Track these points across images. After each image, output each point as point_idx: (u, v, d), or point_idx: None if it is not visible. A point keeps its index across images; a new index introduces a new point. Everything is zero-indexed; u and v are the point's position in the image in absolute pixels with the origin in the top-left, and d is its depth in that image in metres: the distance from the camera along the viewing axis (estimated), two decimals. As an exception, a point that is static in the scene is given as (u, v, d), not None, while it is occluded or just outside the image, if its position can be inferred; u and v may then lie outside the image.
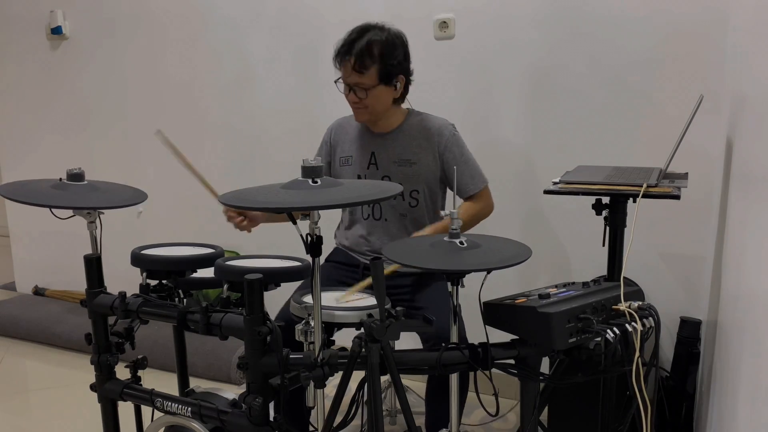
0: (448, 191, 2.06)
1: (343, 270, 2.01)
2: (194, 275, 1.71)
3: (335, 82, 1.90)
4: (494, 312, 1.35)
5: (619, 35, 2.14)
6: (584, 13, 2.18)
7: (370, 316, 1.27)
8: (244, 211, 1.93)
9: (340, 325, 1.49)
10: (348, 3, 2.57)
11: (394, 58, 1.85)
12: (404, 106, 1.99)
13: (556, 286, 1.42)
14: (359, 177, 1.98)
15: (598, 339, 1.29)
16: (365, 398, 1.33)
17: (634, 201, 1.51)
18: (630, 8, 2.11)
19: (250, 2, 2.79)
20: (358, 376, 1.31)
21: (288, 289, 1.64)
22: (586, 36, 2.19)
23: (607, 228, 1.63)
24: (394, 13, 2.47)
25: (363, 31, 1.85)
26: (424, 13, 2.43)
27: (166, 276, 1.67)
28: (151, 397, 1.56)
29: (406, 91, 1.95)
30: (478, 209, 1.97)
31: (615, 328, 1.28)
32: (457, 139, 1.96)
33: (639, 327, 1.28)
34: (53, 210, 1.51)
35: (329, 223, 2.12)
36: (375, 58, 1.82)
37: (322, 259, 1.42)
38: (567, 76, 2.25)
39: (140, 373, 1.65)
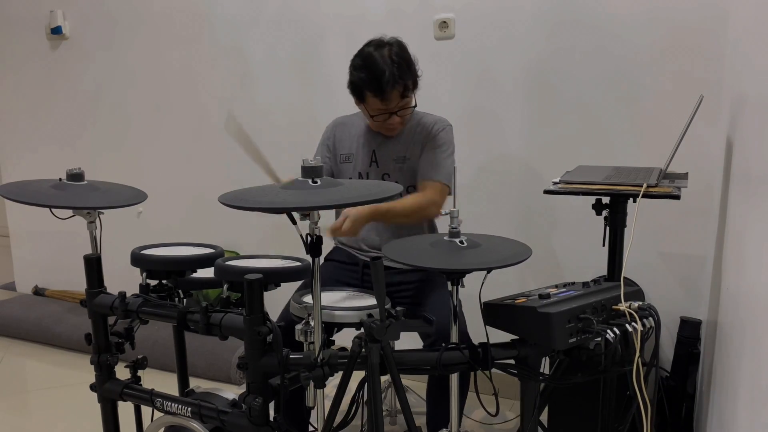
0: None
1: (343, 269, 2.01)
2: (194, 275, 1.71)
3: (372, 117, 1.87)
4: (494, 312, 1.35)
5: (619, 36, 2.14)
6: (584, 14, 2.18)
7: (370, 316, 1.27)
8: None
9: (341, 326, 1.49)
10: (348, 3, 2.57)
11: (413, 66, 1.87)
12: None
13: (556, 286, 1.43)
14: (360, 174, 1.98)
15: (598, 339, 1.29)
16: (365, 398, 1.33)
17: (634, 201, 1.51)
18: (630, 9, 2.11)
19: (250, 2, 2.79)
20: (358, 376, 1.31)
21: (288, 289, 1.63)
22: (586, 36, 2.19)
23: (607, 228, 1.63)
24: (394, 12, 2.47)
25: (379, 54, 1.81)
26: (424, 13, 2.43)
27: (166, 276, 1.67)
28: (151, 397, 1.56)
29: None
30: (420, 200, 1.85)
31: (615, 328, 1.28)
32: (445, 133, 1.95)
33: (639, 327, 1.28)
34: (53, 210, 1.51)
35: (329, 222, 2.12)
36: (408, 75, 1.83)
37: (321, 258, 1.42)
38: (567, 76, 2.25)
39: (140, 373, 1.65)
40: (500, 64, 2.35)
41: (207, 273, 1.70)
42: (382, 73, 1.78)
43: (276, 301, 1.81)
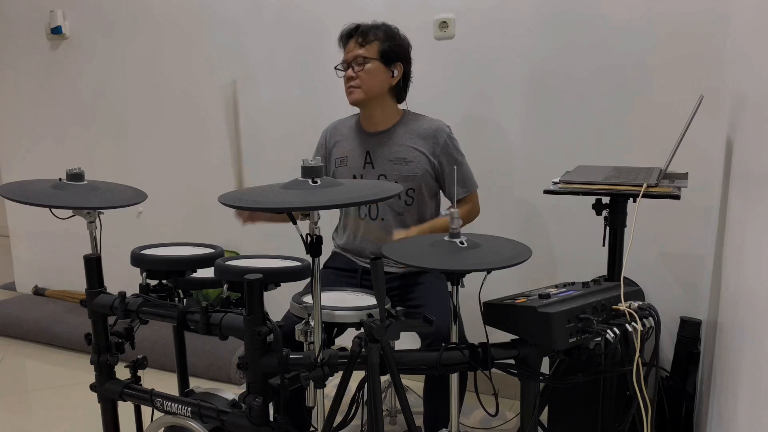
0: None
1: (342, 276, 2.01)
2: (194, 275, 1.71)
3: (336, 68, 1.96)
4: (494, 312, 1.35)
5: (619, 34, 2.14)
6: (584, 13, 2.18)
7: (370, 316, 1.27)
8: None
9: (341, 326, 1.49)
10: (348, 3, 2.57)
11: (395, 42, 1.93)
12: (400, 107, 2.01)
13: (556, 286, 1.43)
14: (355, 177, 1.98)
15: (598, 339, 1.29)
16: (365, 398, 1.33)
17: (634, 201, 1.51)
18: (630, 8, 2.11)
19: (250, 2, 2.79)
20: (358, 376, 1.31)
21: (288, 289, 1.63)
22: (586, 36, 2.19)
23: (607, 228, 1.63)
24: (394, 13, 2.47)
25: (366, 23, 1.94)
26: (424, 13, 2.43)
27: (166, 276, 1.67)
28: (151, 397, 1.56)
29: (405, 88, 1.98)
30: (465, 212, 1.99)
31: (615, 328, 1.28)
32: (453, 142, 1.97)
33: (639, 327, 1.28)
34: (53, 210, 1.51)
35: (329, 223, 2.12)
36: (379, 37, 1.91)
37: (321, 261, 1.42)
38: (567, 75, 2.25)
39: (140, 373, 1.65)
40: (500, 64, 2.35)
41: (207, 273, 1.70)
42: (351, 24, 1.98)
43: (276, 301, 1.81)
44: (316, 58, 2.69)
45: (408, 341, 2.28)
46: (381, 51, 1.90)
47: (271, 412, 1.39)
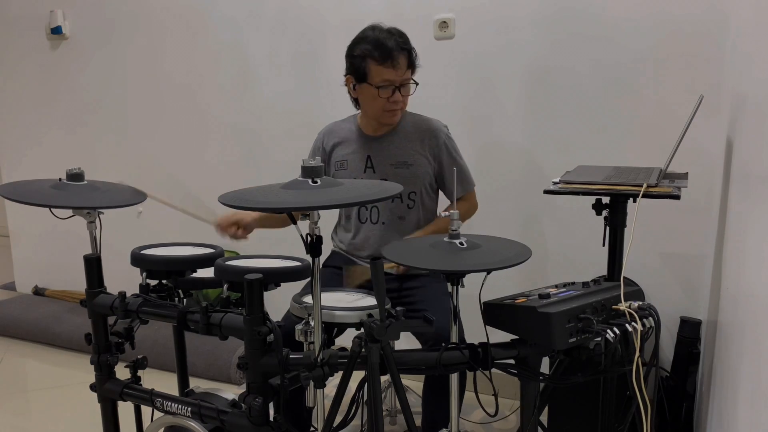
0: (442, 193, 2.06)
1: (341, 275, 2.00)
2: (194, 275, 1.71)
3: (379, 88, 1.82)
4: (494, 312, 1.35)
5: (619, 35, 2.14)
6: (584, 13, 2.18)
7: (370, 316, 1.27)
8: (236, 220, 1.92)
9: (341, 326, 1.49)
10: (348, 3, 2.57)
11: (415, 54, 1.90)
12: None
13: (556, 286, 1.43)
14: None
15: (598, 339, 1.29)
16: (365, 398, 1.33)
17: (634, 201, 1.51)
18: (630, 8, 2.11)
19: (250, 2, 2.79)
20: (358, 376, 1.31)
21: (288, 289, 1.63)
22: (586, 36, 2.19)
23: (607, 228, 1.63)
24: (394, 13, 2.47)
25: (378, 29, 1.86)
26: (424, 13, 2.43)
27: (166, 276, 1.67)
28: (151, 397, 1.56)
29: None
30: (464, 211, 1.99)
31: (615, 328, 1.28)
32: (451, 141, 1.97)
33: (639, 327, 1.28)
34: (53, 210, 1.51)
35: (329, 223, 2.12)
36: (411, 46, 1.86)
37: (321, 260, 1.42)
38: (567, 75, 2.25)
39: (140, 373, 1.65)
40: (500, 64, 2.35)
41: (207, 273, 1.70)
42: (388, 37, 1.81)
43: (276, 301, 1.81)
44: (315, 57, 2.69)
45: (408, 341, 2.28)
46: (413, 70, 1.88)
47: (271, 412, 1.39)
